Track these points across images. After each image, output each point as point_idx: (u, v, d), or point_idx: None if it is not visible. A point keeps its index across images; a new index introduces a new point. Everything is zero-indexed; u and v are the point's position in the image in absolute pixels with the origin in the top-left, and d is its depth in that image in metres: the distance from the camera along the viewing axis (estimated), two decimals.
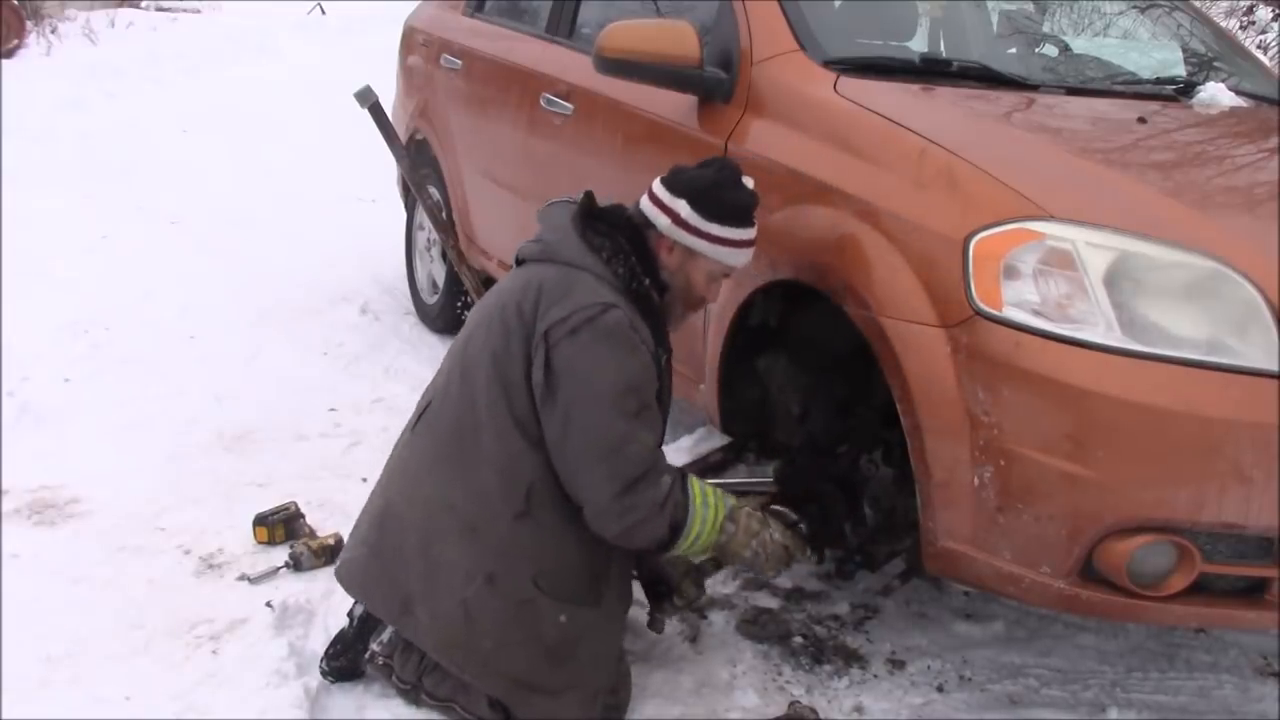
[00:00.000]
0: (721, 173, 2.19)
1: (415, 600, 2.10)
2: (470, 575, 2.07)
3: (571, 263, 2.10)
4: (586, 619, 2.12)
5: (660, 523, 2.06)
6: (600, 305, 2.03)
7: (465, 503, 2.09)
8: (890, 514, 2.35)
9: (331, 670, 2.27)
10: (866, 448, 2.41)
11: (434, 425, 2.18)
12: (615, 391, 2.01)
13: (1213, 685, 2.46)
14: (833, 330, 2.29)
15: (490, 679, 2.09)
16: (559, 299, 2.04)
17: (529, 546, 2.08)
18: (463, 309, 4.22)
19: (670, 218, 2.15)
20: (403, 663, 2.18)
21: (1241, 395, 1.85)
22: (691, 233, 2.15)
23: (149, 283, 4.68)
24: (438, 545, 2.10)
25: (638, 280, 2.12)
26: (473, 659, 2.08)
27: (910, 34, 3.20)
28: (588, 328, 2.01)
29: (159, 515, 2.91)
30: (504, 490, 2.07)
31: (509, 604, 2.07)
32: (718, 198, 2.15)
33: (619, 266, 2.11)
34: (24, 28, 10.21)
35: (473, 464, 2.09)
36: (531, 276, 2.12)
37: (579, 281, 2.07)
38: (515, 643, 2.08)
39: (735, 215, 2.16)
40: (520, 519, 2.07)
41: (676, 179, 2.18)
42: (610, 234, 2.15)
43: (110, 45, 10.53)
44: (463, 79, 4.05)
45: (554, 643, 2.09)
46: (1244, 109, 2.78)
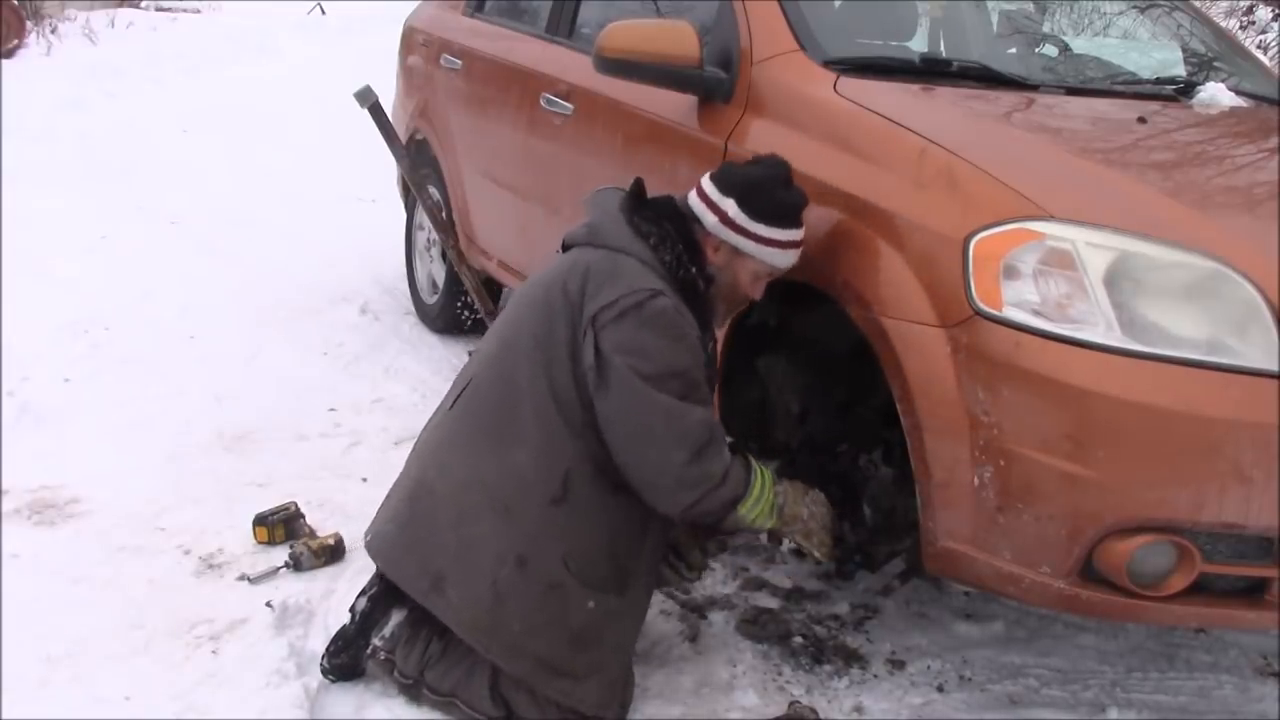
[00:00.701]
0: (771, 171, 2.19)
1: (446, 578, 2.12)
2: (502, 557, 2.08)
3: (618, 248, 2.12)
4: (613, 606, 2.14)
5: (729, 487, 2.09)
6: (647, 291, 2.05)
7: (500, 482, 2.10)
8: (890, 514, 2.34)
9: (332, 668, 2.27)
10: (866, 447, 2.41)
11: (474, 403, 2.19)
12: (665, 374, 2.03)
13: (1213, 685, 2.46)
14: (833, 330, 2.29)
15: (515, 660, 2.10)
16: (605, 283, 2.06)
17: (562, 531, 2.09)
18: (463, 309, 4.22)
19: (718, 216, 2.16)
20: (405, 656, 2.18)
21: (1241, 395, 1.85)
22: (739, 232, 2.16)
23: (149, 283, 4.69)
24: (470, 523, 2.11)
25: (684, 268, 2.13)
26: (499, 640, 2.09)
27: (910, 34, 3.20)
28: (634, 313, 2.03)
29: (159, 515, 2.91)
30: (541, 474, 2.09)
31: (539, 587, 2.08)
32: (766, 197, 2.16)
33: (665, 254, 2.13)
34: (24, 28, 10.21)
35: (510, 445, 2.10)
36: (578, 259, 2.13)
37: (625, 266, 2.09)
38: (542, 625, 2.09)
39: (783, 215, 2.17)
40: (555, 504, 2.09)
41: (726, 176, 2.19)
42: (658, 221, 2.16)
43: (110, 45, 10.54)
44: (463, 79, 4.05)
45: (580, 628, 2.11)
46: (1244, 109, 2.78)
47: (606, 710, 2.17)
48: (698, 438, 2.05)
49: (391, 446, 3.39)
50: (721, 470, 2.08)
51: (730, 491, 2.10)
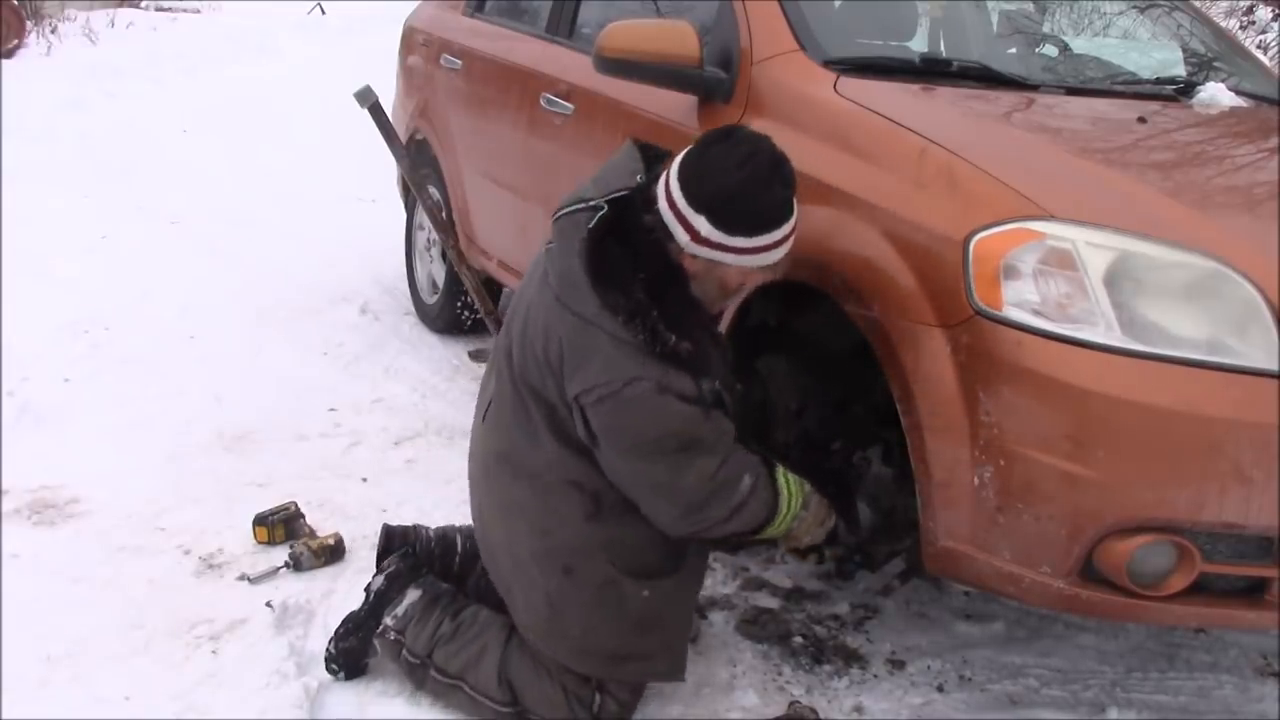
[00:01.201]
0: (746, 169, 1.95)
1: (512, 588, 2.18)
2: (548, 571, 2.11)
3: (588, 320, 1.98)
4: (668, 587, 2.15)
5: (737, 523, 2.08)
6: (621, 381, 1.94)
7: (536, 508, 2.12)
8: (890, 514, 2.34)
9: (339, 652, 2.27)
10: (861, 444, 2.41)
11: (496, 424, 2.19)
12: (651, 444, 2.00)
13: (1213, 685, 2.46)
14: (832, 330, 2.29)
15: (584, 660, 2.13)
16: (579, 366, 1.98)
17: (603, 541, 2.10)
18: (463, 309, 4.22)
19: (690, 234, 1.97)
20: (415, 635, 2.20)
21: (1241, 395, 1.85)
22: (714, 248, 1.97)
23: (149, 283, 4.69)
24: (517, 542, 2.15)
25: (660, 343, 1.95)
26: (564, 644, 2.12)
27: (910, 34, 3.20)
28: (611, 400, 1.97)
29: (159, 515, 2.91)
30: (570, 496, 2.09)
31: (590, 589, 2.10)
32: (742, 208, 1.96)
33: (638, 331, 1.94)
34: (24, 28, 10.20)
35: (536, 471, 2.11)
36: (552, 325, 2.01)
37: (597, 348, 1.96)
38: (602, 624, 2.11)
39: (763, 223, 1.97)
40: (590, 520, 2.09)
41: (694, 187, 1.96)
42: (627, 286, 1.95)
43: (110, 45, 10.53)
44: (463, 79, 4.05)
45: (640, 615, 2.12)
46: (1244, 109, 2.78)
47: (677, 674, 2.20)
48: (693, 496, 2.02)
49: (391, 446, 3.39)
50: (726, 511, 2.04)
51: (734, 528, 2.09)
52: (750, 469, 2.07)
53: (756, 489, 2.07)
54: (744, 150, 1.98)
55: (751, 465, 2.08)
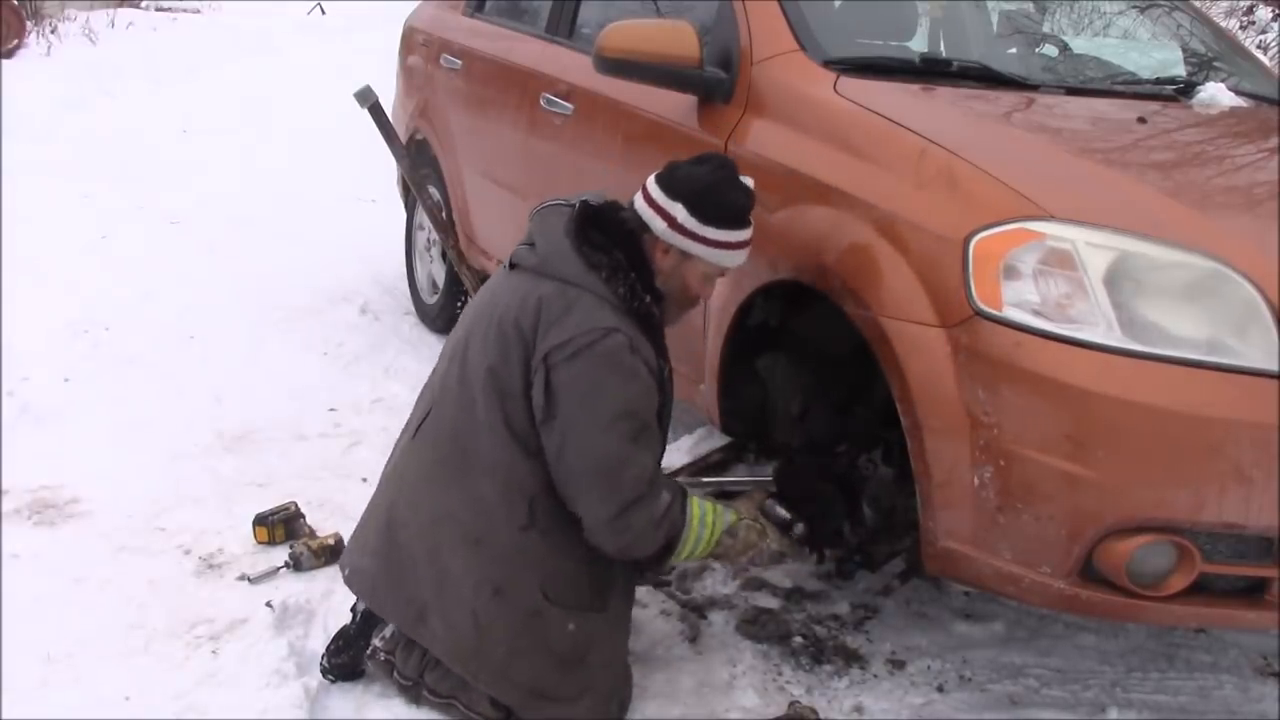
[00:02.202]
0: (718, 173, 2.15)
1: (429, 610, 2.11)
2: (478, 587, 2.08)
3: (570, 280, 2.07)
4: (595, 625, 2.13)
5: (655, 539, 2.09)
6: (601, 330, 2.01)
7: (467, 514, 2.10)
8: (890, 514, 2.35)
9: (332, 668, 2.27)
10: (865, 447, 2.41)
11: (433, 435, 2.18)
12: (613, 415, 2.01)
13: (1213, 685, 2.46)
14: (833, 330, 2.29)
15: (504, 688, 2.10)
16: (558, 321, 2.03)
17: (534, 557, 2.09)
18: (463, 309, 4.21)
19: (666, 221, 2.12)
20: (404, 658, 2.18)
21: (1241, 395, 1.85)
22: (688, 236, 2.13)
23: (149, 283, 4.69)
24: (444, 555, 2.11)
25: (639, 299, 2.09)
26: (486, 668, 2.09)
27: (910, 34, 3.20)
28: (587, 353, 2.00)
29: (159, 515, 2.91)
30: (506, 502, 2.08)
31: (518, 615, 2.08)
32: (715, 201, 2.13)
33: (619, 286, 2.07)
34: (24, 28, 10.20)
35: (473, 475, 2.10)
36: (529, 291, 2.09)
37: (578, 302, 2.05)
38: (525, 651, 2.09)
39: (732, 218, 2.15)
40: (524, 530, 2.08)
41: (673, 180, 2.15)
42: (608, 249, 2.11)
43: (110, 45, 10.53)
44: (463, 79, 4.05)
45: (565, 651, 2.10)
46: (1244, 109, 2.78)
47: None
48: (628, 494, 2.03)
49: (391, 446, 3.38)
50: (647, 524, 2.06)
51: (653, 546, 2.10)
52: (670, 488, 2.12)
53: (672, 506, 2.10)
54: (714, 160, 2.21)
55: (671, 484, 2.14)
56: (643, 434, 2.06)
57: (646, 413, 2.08)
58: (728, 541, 2.19)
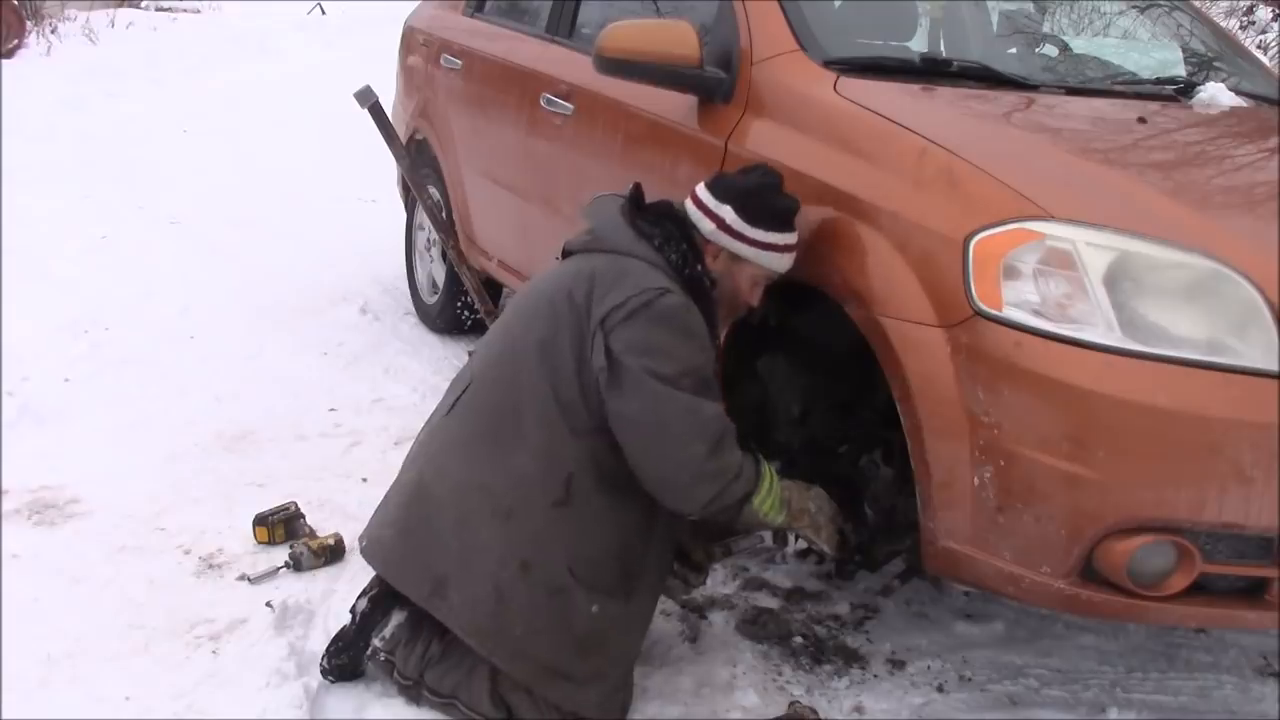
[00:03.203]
0: (765, 178, 2.23)
1: (449, 581, 2.11)
2: (504, 560, 2.09)
3: (623, 250, 2.13)
4: (617, 611, 2.14)
5: (743, 482, 2.10)
6: (656, 290, 2.06)
7: (502, 486, 2.11)
8: (890, 514, 2.34)
9: (332, 669, 2.27)
10: (867, 448, 2.41)
11: (473, 406, 2.19)
12: (677, 371, 2.04)
13: (1213, 685, 2.46)
14: (833, 330, 2.29)
15: (516, 662, 2.10)
16: (613, 285, 2.07)
17: (565, 535, 2.10)
18: (463, 309, 4.22)
19: (715, 223, 2.19)
20: (405, 658, 2.18)
21: (1241, 395, 1.85)
22: (737, 238, 2.19)
23: (149, 283, 4.69)
24: (472, 527, 2.11)
25: (690, 265, 2.15)
26: (502, 643, 2.09)
27: (910, 34, 3.20)
28: (644, 311, 2.03)
29: (159, 515, 2.91)
30: (543, 477, 2.09)
31: (542, 592, 2.08)
32: (762, 203, 2.19)
33: (671, 253, 2.14)
34: (24, 28, 10.21)
35: (511, 449, 2.10)
36: (582, 266, 2.14)
37: (632, 268, 2.10)
38: (545, 630, 2.09)
39: (779, 220, 2.21)
40: (558, 507, 2.09)
41: (721, 185, 2.22)
42: (659, 222, 2.18)
43: (110, 45, 10.54)
44: (463, 79, 4.05)
45: (584, 633, 2.11)
46: (1244, 109, 2.78)
47: (612, 712, 2.17)
48: (715, 431, 2.06)
49: (391, 446, 3.39)
50: (737, 463, 2.09)
51: (744, 486, 2.11)
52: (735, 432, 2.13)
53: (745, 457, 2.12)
54: (760, 168, 2.28)
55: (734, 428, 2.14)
56: (707, 387, 2.09)
57: (706, 371, 2.10)
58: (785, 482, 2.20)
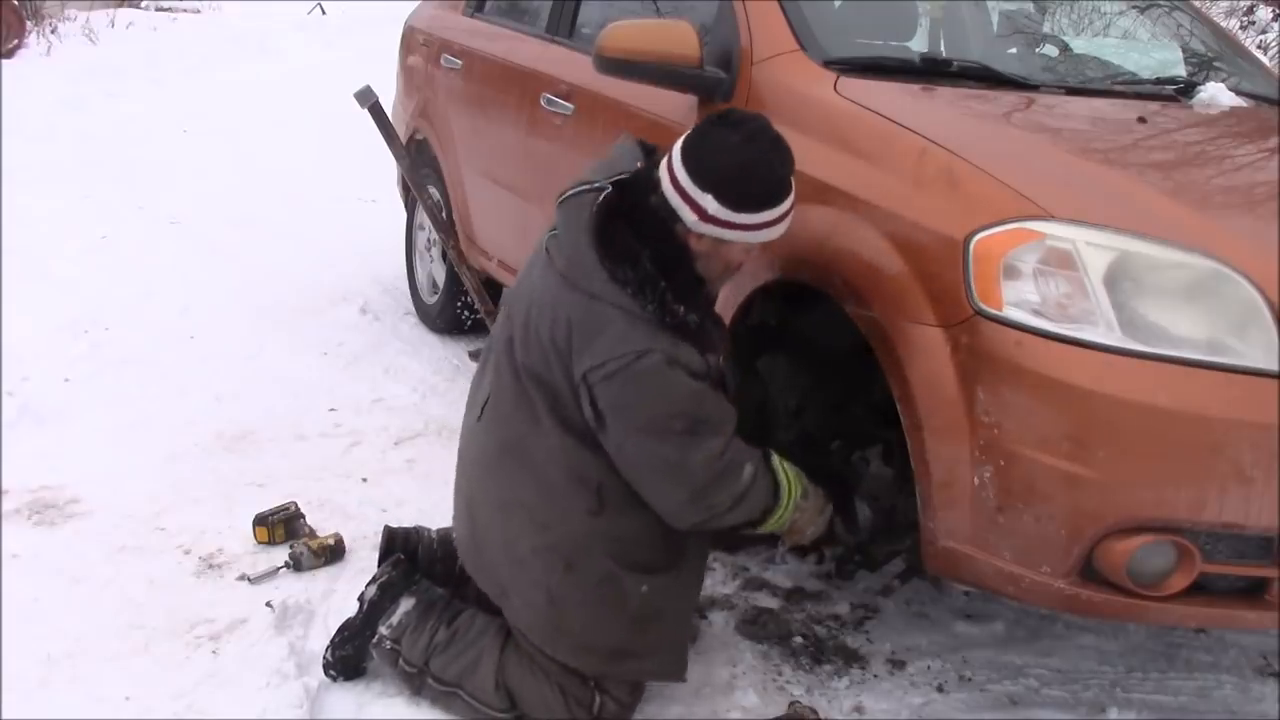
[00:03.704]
0: (748, 149, 2.02)
1: (508, 590, 2.16)
2: (550, 567, 2.11)
3: (596, 295, 2.00)
4: (666, 583, 2.15)
5: (740, 512, 2.09)
6: (633, 354, 1.96)
7: (537, 501, 2.11)
8: (890, 514, 2.34)
9: (336, 660, 2.27)
10: (859, 444, 2.41)
11: (497, 419, 2.18)
12: (662, 423, 2.00)
13: (1213, 685, 2.46)
14: (833, 330, 2.29)
15: (585, 658, 2.12)
16: (589, 342, 1.99)
17: (605, 535, 2.11)
18: (463, 309, 4.22)
19: (697, 214, 2.02)
20: (411, 644, 2.20)
21: (1241, 395, 1.85)
22: (721, 225, 2.03)
23: (149, 283, 4.69)
24: (516, 540, 2.14)
25: (670, 313, 1.99)
26: (564, 642, 2.12)
27: (910, 34, 3.20)
28: (622, 375, 1.97)
29: (159, 515, 2.91)
30: (574, 490, 2.09)
31: (591, 584, 2.10)
32: (746, 185, 2.02)
33: (648, 302, 1.98)
34: (24, 28, 10.20)
35: (540, 463, 2.11)
36: (559, 302, 2.03)
37: (608, 322, 1.98)
38: (602, 620, 2.11)
39: (767, 198, 2.03)
40: (593, 515, 2.09)
41: (701, 164, 2.01)
42: (635, 257, 2.00)
43: (110, 45, 10.54)
44: (463, 79, 4.05)
45: (638, 611, 2.12)
46: (1244, 109, 2.78)
47: (679, 673, 2.21)
48: (699, 479, 2.03)
49: (391, 446, 3.39)
50: (730, 500, 2.06)
51: (740, 518, 2.10)
52: (750, 457, 2.10)
53: (758, 477, 2.09)
54: (744, 130, 2.05)
55: (751, 453, 2.11)
56: (700, 424, 2.02)
57: (698, 408, 2.03)
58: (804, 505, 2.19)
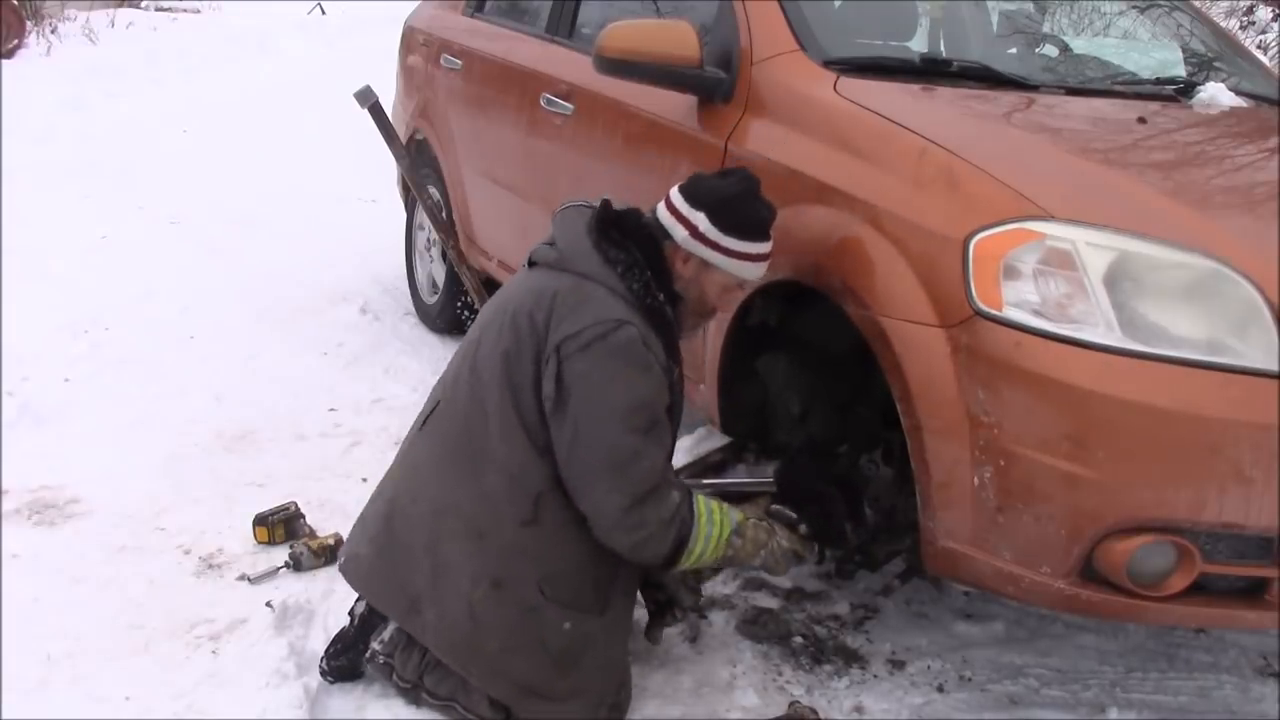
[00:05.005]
0: (741, 185, 2.17)
1: (423, 600, 2.11)
2: (476, 579, 2.08)
3: (586, 275, 2.08)
4: (592, 627, 2.13)
5: (666, 539, 2.07)
6: (614, 321, 2.02)
7: (472, 506, 2.10)
8: (890, 514, 2.35)
9: (331, 670, 2.27)
10: (866, 448, 2.41)
11: (442, 426, 2.18)
12: (625, 408, 2.01)
13: (1213, 685, 2.46)
14: (833, 330, 2.29)
15: (495, 682, 2.10)
16: (572, 312, 2.03)
17: (535, 553, 2.08)
18: (463, 309, 4.22)
19: (688, 230, 2.14)
20: (403, 661, 2.18)
21: (1241, 395, 1.85)
22: (709, 246, 2.14)
23: (149, 283, 4.69)
24: (445, 546, 2.11)
25: (652, 296, 2.10)
26: (477, 661, 2.09)
27: (910, 34, 3.20)
28: (600, 344, 2.00)
29: (159, 515, 2.91)
30: (512, 497, 2.07)
31: (515, 610, 2.07)
32: (737, 211, 2.14)
33: (634, 281, 2.09)
34: (24, 28, 10.19)
35: (480, 468, 2.09)
36: (545, 285, 2.10)
37: (593, 295, 2.06)
38: (520, 648, 2.08)
39: (753, 229, 2.16)
40: (527, 526, 2.08)
41: (696, 190, 2.16)
42: (626, 246, 2.12)
43: (110, 45, 10.52)
44: (463, 79, 4.05)
45: (559, 650, 2.09)
46: (1244, 109, 2.78)
47: None
48: (640, 485, 2.02)
49: (391, 446, 3.36)
50: (659, 521, 2.05)
51: (665, 546, 2.07)
52: (678, 486, 2.11)
53: (681, 505, 2.08)
54: (738, 173, 2.22)
55: (680, 484, 2.12)
56: (654, 428, 2.06)
57: (657, 407, 2.07)
58: (736, 542, 2.16)
